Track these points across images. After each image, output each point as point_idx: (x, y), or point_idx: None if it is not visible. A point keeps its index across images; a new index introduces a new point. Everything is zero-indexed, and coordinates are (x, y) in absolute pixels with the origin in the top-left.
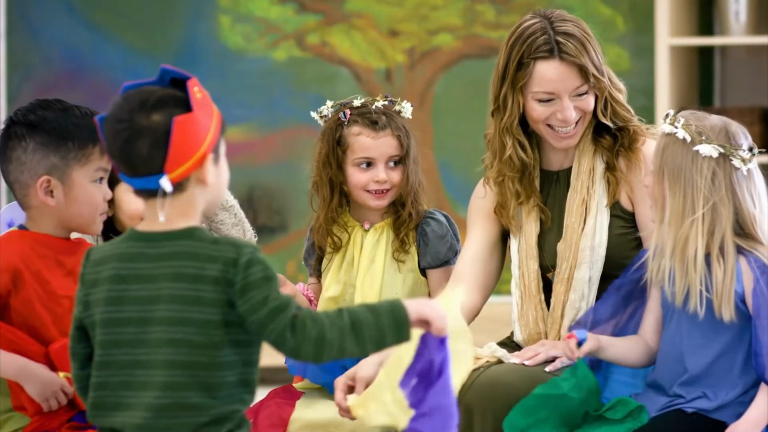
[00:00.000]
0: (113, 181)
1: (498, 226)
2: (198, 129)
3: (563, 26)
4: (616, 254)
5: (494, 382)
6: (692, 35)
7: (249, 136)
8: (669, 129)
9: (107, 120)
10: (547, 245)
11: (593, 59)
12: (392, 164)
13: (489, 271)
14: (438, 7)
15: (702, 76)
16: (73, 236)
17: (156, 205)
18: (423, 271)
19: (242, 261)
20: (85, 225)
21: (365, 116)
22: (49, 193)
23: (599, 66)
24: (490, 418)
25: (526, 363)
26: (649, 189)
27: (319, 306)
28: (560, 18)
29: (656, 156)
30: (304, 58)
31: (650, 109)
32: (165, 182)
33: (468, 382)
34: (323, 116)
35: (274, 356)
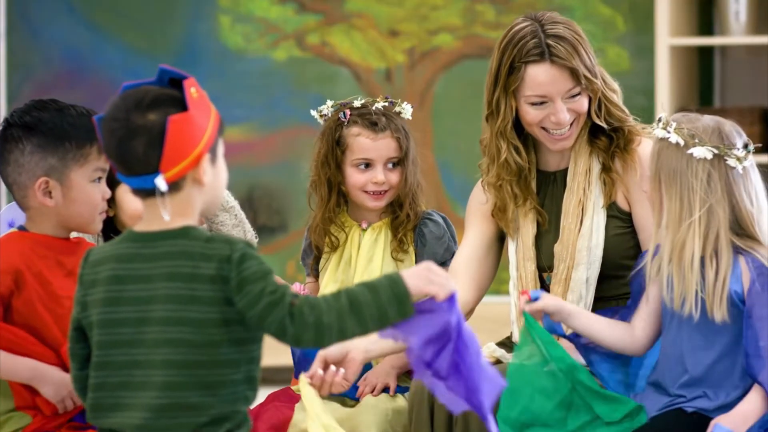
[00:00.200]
0: (114, 181)
1: (495, 226)
2: (194, 129)
3: (554, 29)
4: (614, 255)
5: None
6: (692, 35)
7: (249, 136)
8: (662, 134)
9: (104, 119)
10: (545, 246)
11: (585, 61)
12: (391, 166)
13: (484, 270)
14: (438, 7)
15: (702, 76)
16: (73, 236)
17: (153, 205)
18: None
19: (235, 257)
20: (85, 224)
21: (365, 117)
22: (48, 194)
23: (591, 67)
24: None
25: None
26: (648, 194)
27: None
28: (551, 21)
29: (651, 161)
30: (304, 58)
31: (650, 109)
32: (160, 181)
33: None
34: (323, 115)
35: (274, 356)
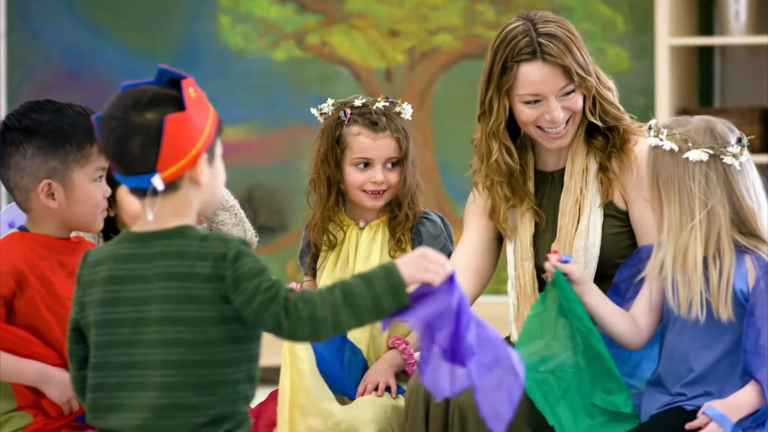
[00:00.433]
0: (115, 181)
1: (493, 226)
2: (191, 128)
3: (545, 27)
4: (610, 253)
5: None
6: (692, 35)
7: (249, 136)
8: (654, 141)
9: (102, 118)
10: (542, 246)
11: (577, 58)
12: (390, 165)
13: (484, 265)
14: (438, 7)
15: (702, 76)
16: (72, 235)
17: (147, 205)
18: None
19: (231, 255)
20: (87, 224)
21: (365, 116)
22: (51, 196)
23: (584, 65)
24: None
25: None
26: (648, 201)
27: None
28: (543, 19)
29: (648, 169)
30: (304, 58)
31: (650, 109)
32: (157, 181)
33: None
34: (323, 114)
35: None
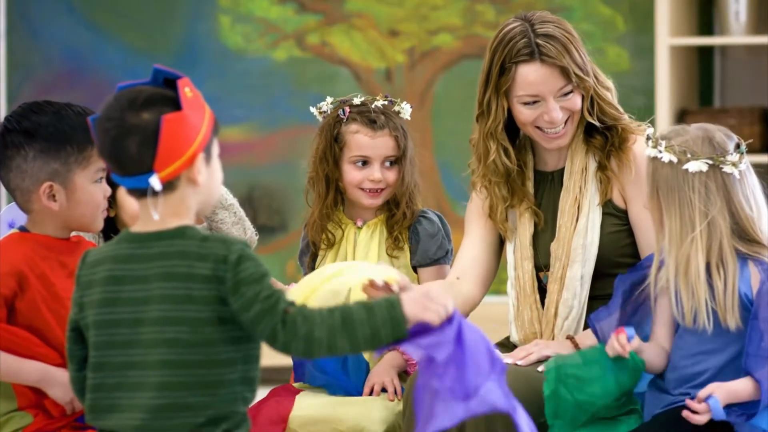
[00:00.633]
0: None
1: (495, 227)
2: (188, 128)
3: (543, 28)
4: (609, 252)
5: None
6: (692, 35)
7: (249, 136)
8: (653, 152)
9: (98, 119)
10: (542, 245)
11: (575, 59)
12: (388, 164)
13: (488, 269)
14: (438, 7)
15: (702, 76)
16: (72, 234)
17: (148, 205)
18: (415, 269)
19: (233, 258)
20: (88, 224)
21: (364, 115)
22: (52, 198)
23: (583, 65)
24: (482, 418)
25: (519, 363)
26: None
27: None
28: (541, 20)
29: (648, 180)
30: (304, 58)
31: (650, 109)
32: (154, 181)
33: None
34: (322, 112)
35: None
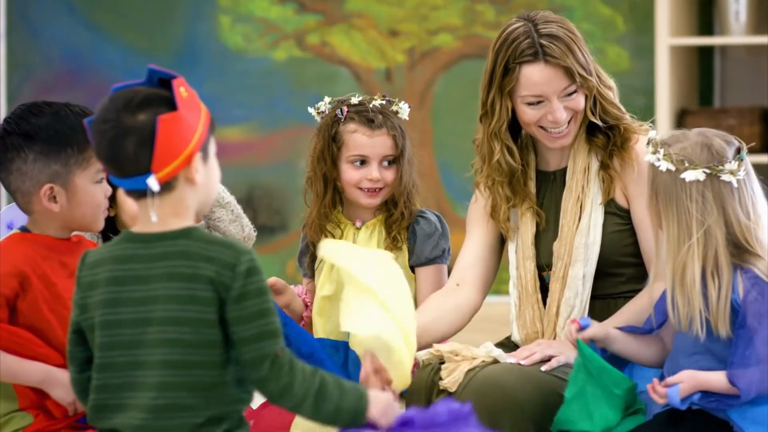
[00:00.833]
0: None
1: (496, 228)
2: (184, 128)
3: (547, 28)
4: (611, 251)
5: (489, 382)
6: (692, 35)
7: (249, 136)
8: (652, 160)
9: (94, 121)
10: (544, 245)
11: (579, 59)
12: (386, 163)
13: (489, 271)
14: (438, 7)
15: (702, 76)
16: (72, 234)
17: (147, 206)
18: (413, 269)
19: (242, 268)
20: (89, 224)
21: (362, 114)
22: (53, 200)
23: (586, 65)
24: (486, 418)
25: (522, 363)
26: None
27: (315, 305)
28: (544, 20)
29: (648, 184)
30: (304, 58)
31: (650, 109)
32: (152, 182)
33: (463, 382)
34: (320, 112)
35: None
